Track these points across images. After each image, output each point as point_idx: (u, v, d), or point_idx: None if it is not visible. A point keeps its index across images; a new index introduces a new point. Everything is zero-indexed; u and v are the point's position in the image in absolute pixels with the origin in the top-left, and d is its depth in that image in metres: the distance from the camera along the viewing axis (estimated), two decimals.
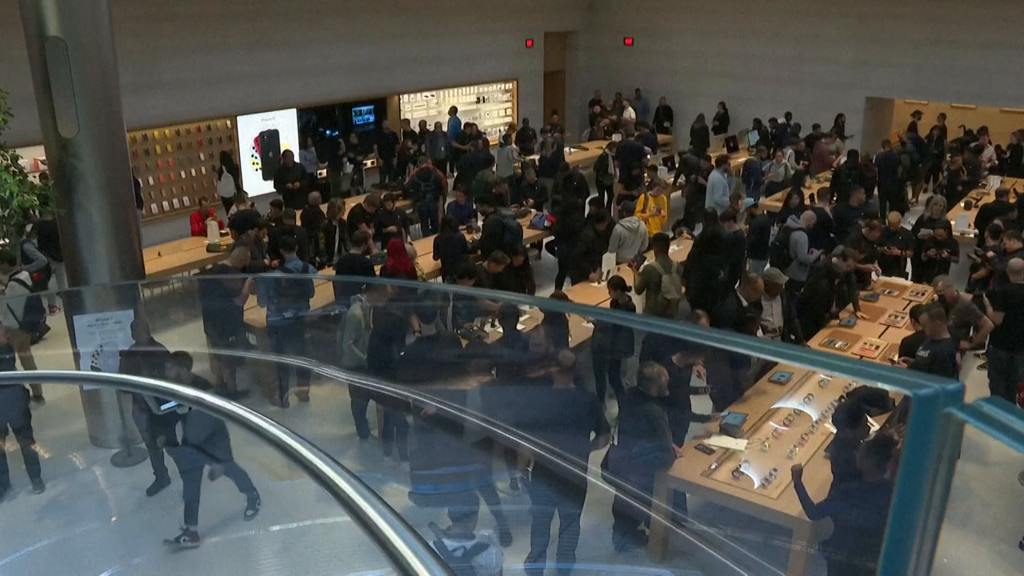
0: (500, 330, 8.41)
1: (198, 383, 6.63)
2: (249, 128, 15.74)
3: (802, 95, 20.09)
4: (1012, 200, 12.76)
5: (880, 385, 1.25)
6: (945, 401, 1.10)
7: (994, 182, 15.26)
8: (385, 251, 10.44)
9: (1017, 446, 1.04)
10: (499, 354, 7.92)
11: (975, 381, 9.79)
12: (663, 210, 12.71)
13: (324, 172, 16.21)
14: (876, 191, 15.40)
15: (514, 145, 16.92)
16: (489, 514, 6.78)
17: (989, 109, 19.69)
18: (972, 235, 12.51)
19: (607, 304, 8.76)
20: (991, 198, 13.53)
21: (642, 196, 12.36)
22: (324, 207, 12.26)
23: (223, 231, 12.06)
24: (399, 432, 8.14)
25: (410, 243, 11.20)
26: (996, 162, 17.25)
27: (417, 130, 18.06)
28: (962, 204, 14.13)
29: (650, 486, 6.56)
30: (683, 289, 9.85)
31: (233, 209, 12.39)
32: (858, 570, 5.87)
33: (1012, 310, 8.67)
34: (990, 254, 10.61)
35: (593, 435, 6.48)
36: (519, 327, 8.35)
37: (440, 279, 10.96)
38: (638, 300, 9.43)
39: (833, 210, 12.28)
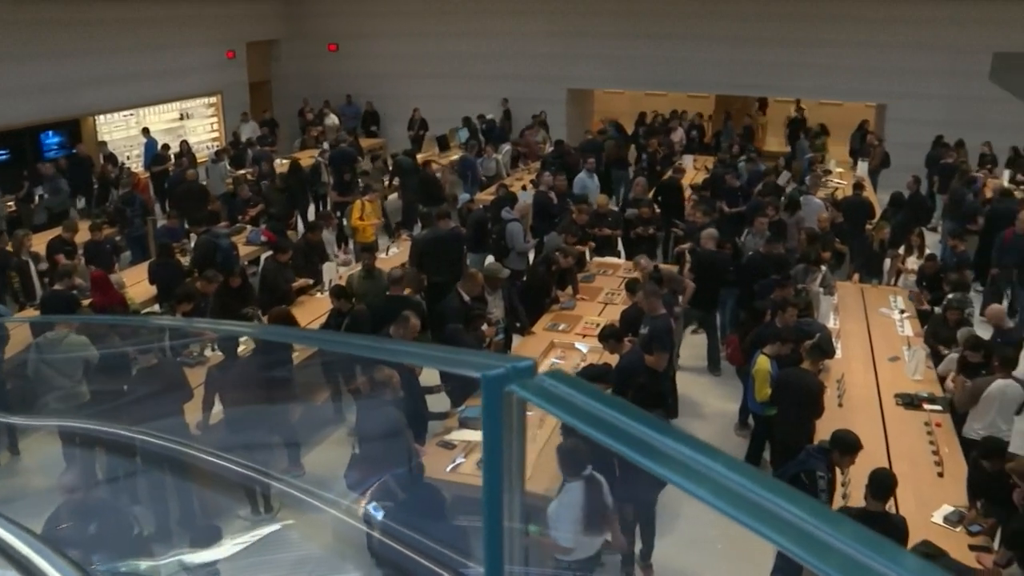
0: (220, 353, 8.02)
1: None
2: None
3: (509, 90, 20.85)
4: (701, 178, 13.90)
5: (455, 370, 1.30)
6: (513, 379, 1.14)
7: (686, 160, 16.52)
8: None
9: (571, 419, 1.08)
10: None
11: (692, 343, 10.58)
12: (376, 215, 12.63)
13: (12, 205, 14.80)
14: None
15: (226, 161, 16.30)
16: None
17: (679, 95, 21.38)
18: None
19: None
20: (689, 177, 14.70)
21: (357, 202, 12.22)
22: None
23: None
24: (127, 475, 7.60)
25: (116, 273, 10.48)
26: (686, 142, 18.76)
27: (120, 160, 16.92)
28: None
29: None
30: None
31: None
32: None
33: (703, 274, 9.46)
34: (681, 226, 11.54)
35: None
36: (240, 349, 8.00)
37: (157, 307, 10.34)
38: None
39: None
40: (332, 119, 20.95)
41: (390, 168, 15.87)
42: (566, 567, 5.61)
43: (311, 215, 14.25)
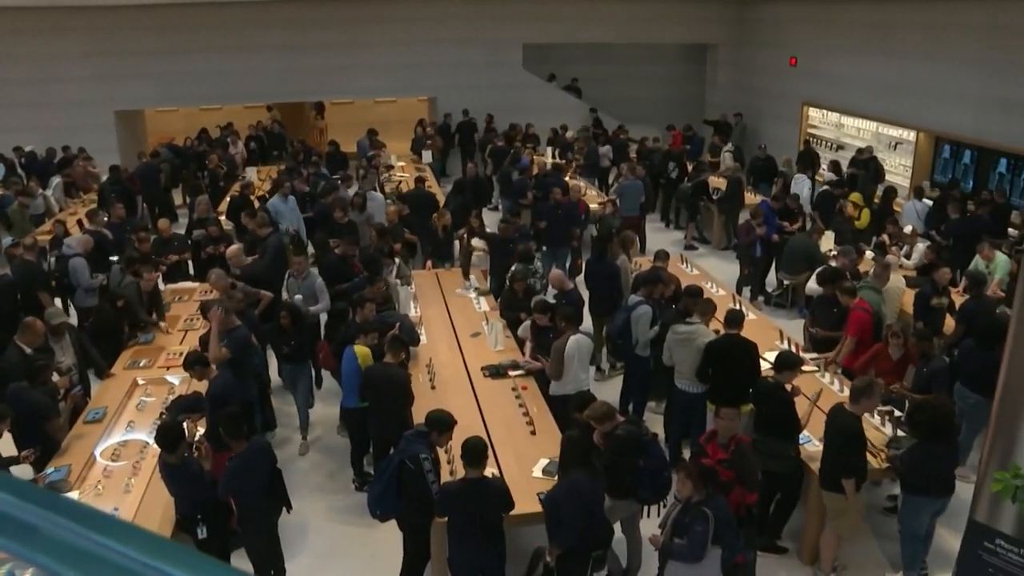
0: None
1: None
2: None
3: (52, 117, 19.15)
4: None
5: None
6: None
7: (250, 173, 16.52)
8: None
9: None
10: None
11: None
12: None
13: None
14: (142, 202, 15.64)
15: None
16: None
17: (234, 107, 21.15)
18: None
19: None
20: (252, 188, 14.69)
21: None
22: None
23: None
24: None
25: None
26: (246, 155, 18.72)
27: None
28: (228, 199, 14.90)
29: None
30: None
31: None
32: None
33: (255, 285, 9.52)
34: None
35: None
36: None
37: None
38: None
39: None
40: None
41: None
42: None
43: None
